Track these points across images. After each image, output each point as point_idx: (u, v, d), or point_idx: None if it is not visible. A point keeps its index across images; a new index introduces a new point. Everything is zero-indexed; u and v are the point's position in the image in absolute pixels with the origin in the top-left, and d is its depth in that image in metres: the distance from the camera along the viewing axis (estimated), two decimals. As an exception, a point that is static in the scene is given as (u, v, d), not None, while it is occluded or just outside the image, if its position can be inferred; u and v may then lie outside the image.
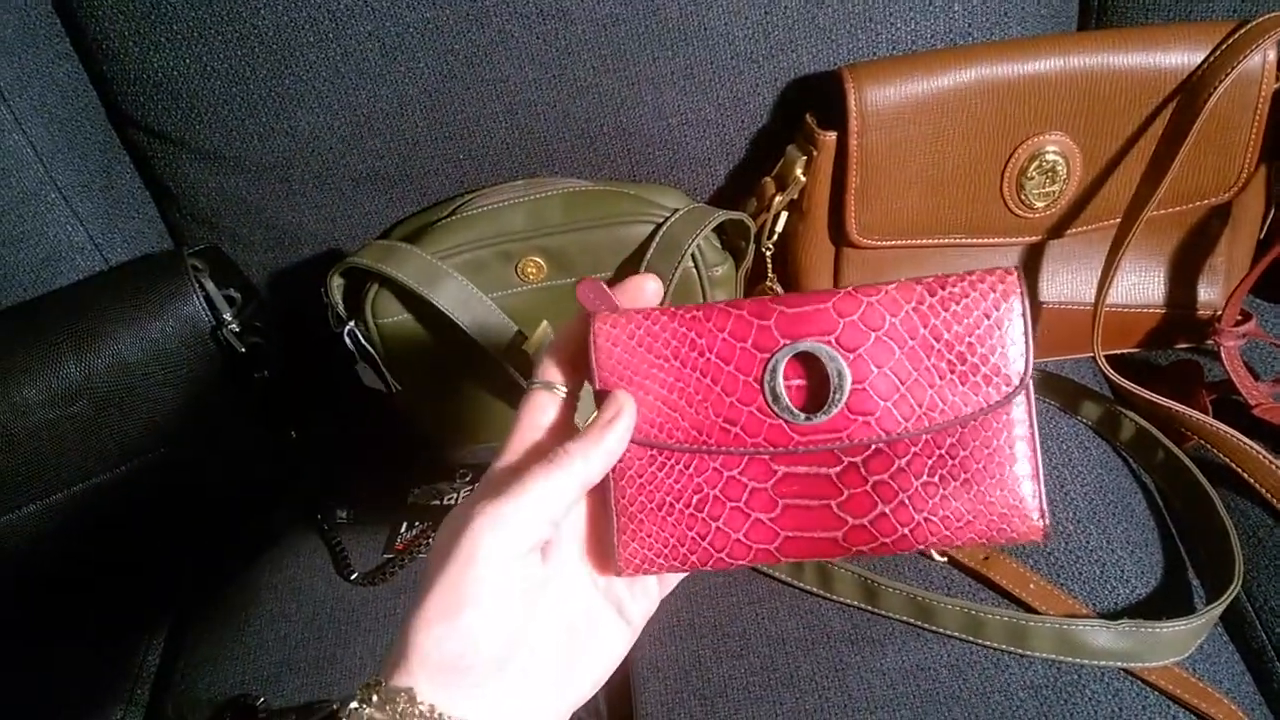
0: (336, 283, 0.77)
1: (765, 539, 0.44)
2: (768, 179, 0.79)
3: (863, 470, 0.43)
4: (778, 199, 0.78)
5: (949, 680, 0.68)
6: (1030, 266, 0.84)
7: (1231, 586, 0.69)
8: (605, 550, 0.45)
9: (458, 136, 0.81)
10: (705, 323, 0.43)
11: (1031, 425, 0.43)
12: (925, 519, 0.43)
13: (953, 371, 0.42)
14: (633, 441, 0.44)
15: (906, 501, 0.43)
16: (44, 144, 0.78)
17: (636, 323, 0.43)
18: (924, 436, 0.43)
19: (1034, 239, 0.81)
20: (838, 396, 0.42)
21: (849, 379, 0.42)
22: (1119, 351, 0.88)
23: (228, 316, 0.77)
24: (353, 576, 0.80)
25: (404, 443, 0.89)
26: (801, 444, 0.43)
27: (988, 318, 0.42)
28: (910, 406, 0.42)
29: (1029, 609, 0.71)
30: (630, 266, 0.76)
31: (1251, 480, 0.75)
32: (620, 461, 0.44)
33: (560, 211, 0.76)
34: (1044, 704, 0.66)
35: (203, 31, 0.75)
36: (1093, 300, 0.79)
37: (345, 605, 0.79)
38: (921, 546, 0.44)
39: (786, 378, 0.43)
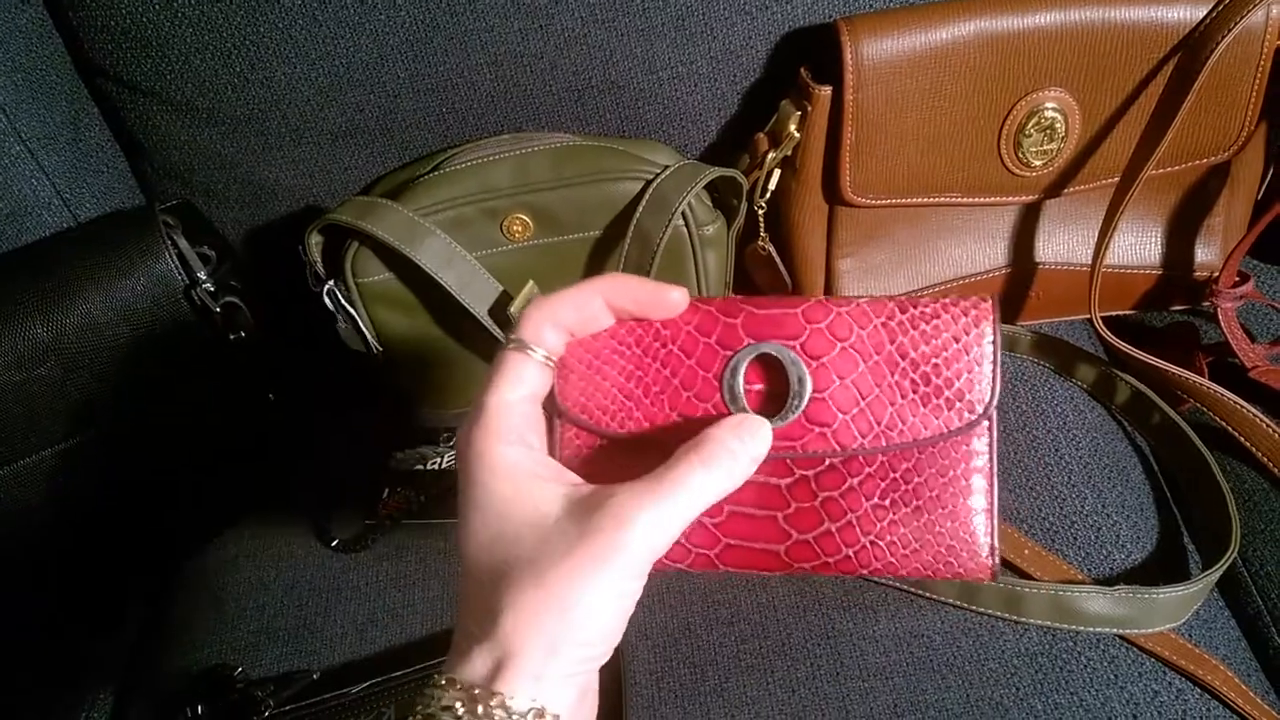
0: (315, 240, 0.75)
1: (706, 544, 0.43)
2: (761, 135, 0.77)
3: (813, 485, 0.43)
4: (771, 155, 0.76)
5: (943, 647, 0.67)
6: (1026, 226, 0.82)
7: (1228, 552, 0.68)
8: None
9: (440, 89, 0.78)
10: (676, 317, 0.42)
11: (992, 459, 0.43)
12: (871, 542, 0.43)
13: (915, 392, 0.41)
14: (582, 427, 0.42)
15: (854, 522, 0.43)
16: (6, 94, 0.75)
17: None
18: (879, 457, 0.42)
19: (1031, 198, 0.80)
20: (796, 403, 0.41)
21: (809, 387, 0.41)
22: (1114, 313, 0.87)
23: (201, 275, 0.75)
24: (333, 543, 0.78)
25: (386, 405, 0.87)
26: None
27: (957, 341, 0.41)
28: (869, 423, 0.42)
29: (1023, 575, 0.70)
30: (619, 224, 0.74)
31: (1248, 444, 0.75)
32: (567, 447, 0.43)
33: (547, 168, 0.74)
34: (1039, 671, 0.66)
35: (172, -25, 0.72)
36: (1089, 261, 0.78)
37: (326, 572, 0.77)
38: (865, 571, 0.43)
39: (747, 380, 0.42)
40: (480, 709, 0.35)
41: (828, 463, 0.42)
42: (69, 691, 0.77)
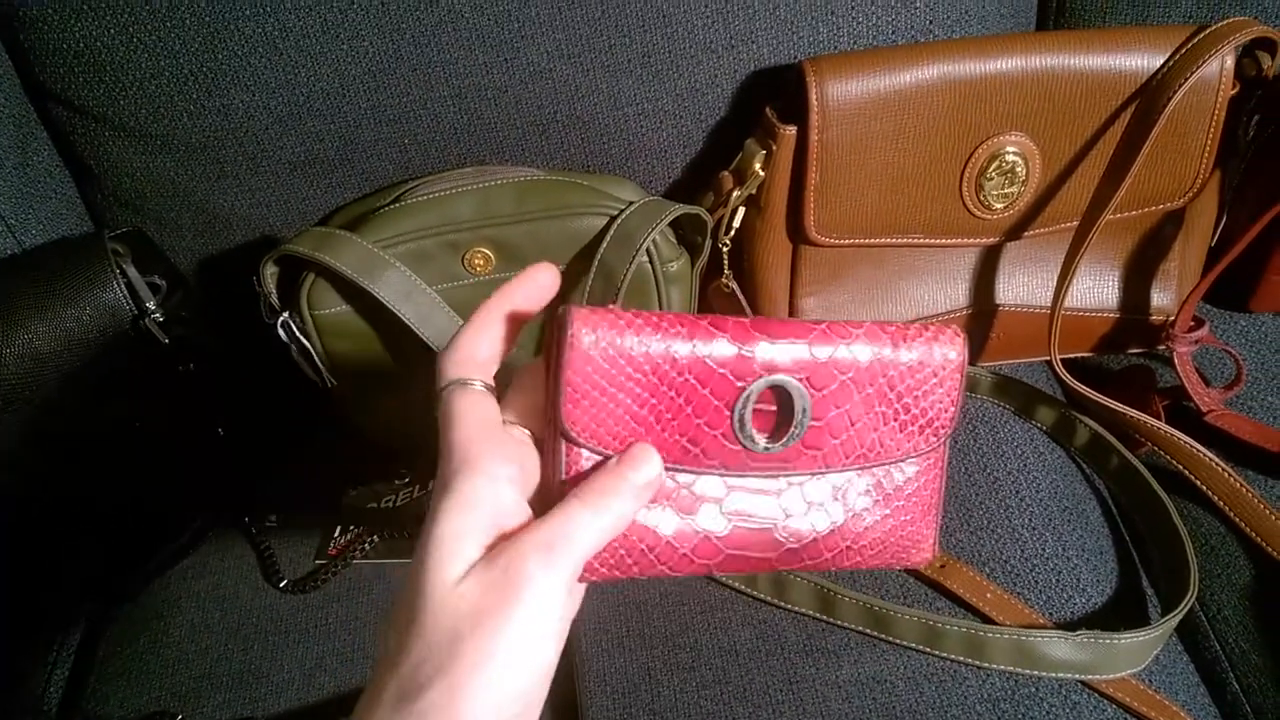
0: (270, 271, 0.73)
1: (710, 555, 0.44)
2: (725, 173, 0.77)
3: (803, 494, 0.45)
4: (735, 194, 0.75)
5: (905, 693, 0.66)
6: (988, 268, 0.83)
7: (1187, 597, 0.69)
8: None
9: (402, 120, 0.77)
10: (689, 340, 0.41)
11: (944, 469, 0.48)
12: (848, 547, 0.46)
13: (896, 419, 0.45)
14: (592, 450, 0.42)
15: (835, 530, 0.46)
16: (-49, 116, 0.73)
17: (619, 329, 0.40)
18: (855, 470, 0.45)
19: (992, 240, 0.80)
20: (797, 432, 0.43)
21: (809, 417, 0.43)
22: (1071, 355, 0.87)
23: (151, 305, 0.73)
24: (282, 583, 0.76)
25: (339, 441, 0.85)
26: (754, 469, 0.44)
27: (934, 375, 0.44)
28: (855, 446, 0.45)
29: (986, 619, 0.69)
30: (582, 260, 0.73)
31: (1204, 487, 0.75)
32: (573, 468, 0.42)
33: (510, 201, 0.73)
34: (1001, 717, 0.65)
35: (129, -1, 0.71)
36: (1048, 303, 0.79)
37: (273, 614, 0.75)
38: (834, 569, 0.47)
39: (755, 403, 0.43)
40: None
41: (814, 474, 0.45)
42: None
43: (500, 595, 0.36)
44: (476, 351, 0.42)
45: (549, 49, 0.75)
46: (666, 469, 0.43)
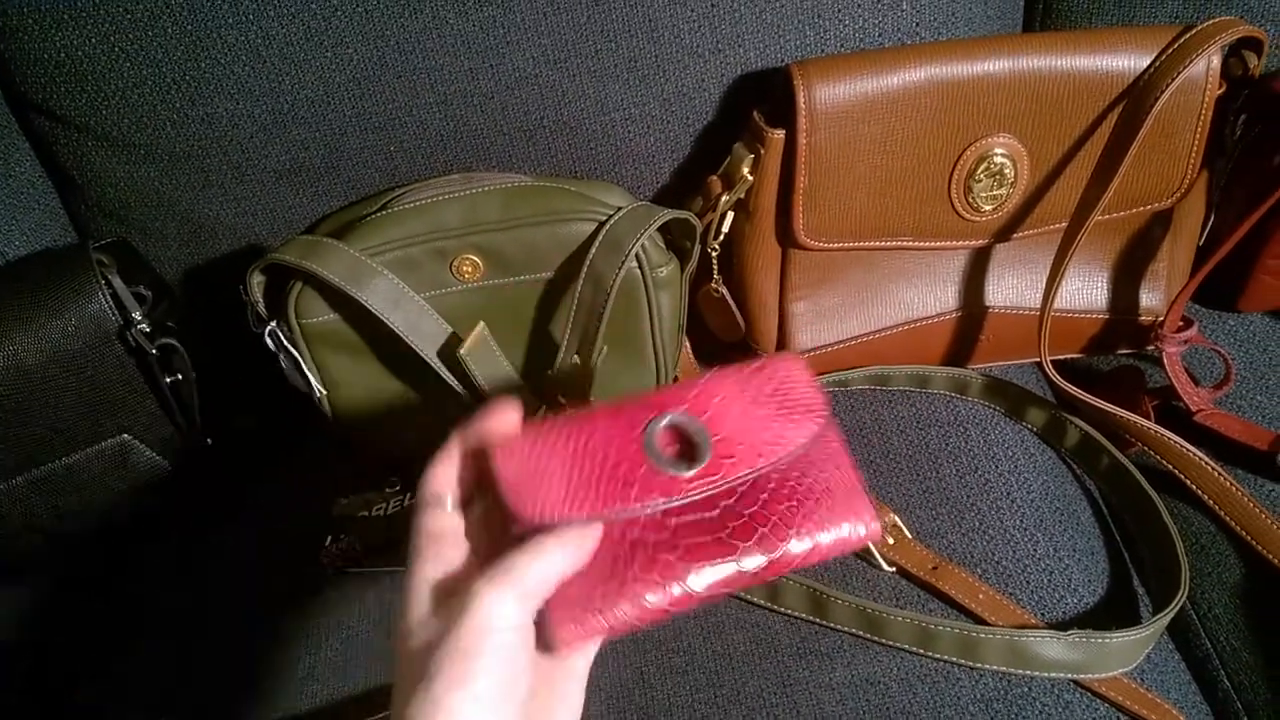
0: (257, 280, 0.72)
1: (685, 604, 0.47)
2: (714, 177, 0.77)
3: (737, 508, 0.49)
4: (724, 198, 0.75)
5: (899, 694, 0.66)
6: (977, 270, 0.83)
7: (1178, 595, 0.69)
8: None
9: (388, 128, 0.77)
10: (584, 421, 0.48)
11: (845, 449, 0.53)
12: (806, 551, 0.50)
13: (779, 413, 0.50)
14: (548, 525, 0.46)
15: (779, 523, 0.50)
16: (-68, 127, 0.72)
17: (529, 440, 0.47)
18: (774, 475, 0.50)
19: (981, 243, 0.80)
20: (705, 448, 0.48)
21: (708, 433, 0.49)
22: (1061, 357, 0.88)
23: (137, 316, 0.72)
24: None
25: (330, 449, 0.84)
26: (691, 489, 0.48)
27: (789, 375, 0.51)
28: (760, 443, 0.49)
29: (978, 620, 0.69)
30: (571, 266, 0.73)
31: (1194, 487, 0.75)
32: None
33: (498, 208, 0.72)
34: (995, 717, 0.65)
35: (110, 7, 0.70)
36: (1038, 305, 0.79)
37: (264, 624, 0.74)
38: (801, 565, 0.50)
39: (662, 446, 0.48)
40: None
41: (740, 490, 0.49)
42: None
43: (452, 616, 0.41)
44: (448, 477, 0.47)
45: (535, 54, 0.75)
46: (617, 517, 0.47)
